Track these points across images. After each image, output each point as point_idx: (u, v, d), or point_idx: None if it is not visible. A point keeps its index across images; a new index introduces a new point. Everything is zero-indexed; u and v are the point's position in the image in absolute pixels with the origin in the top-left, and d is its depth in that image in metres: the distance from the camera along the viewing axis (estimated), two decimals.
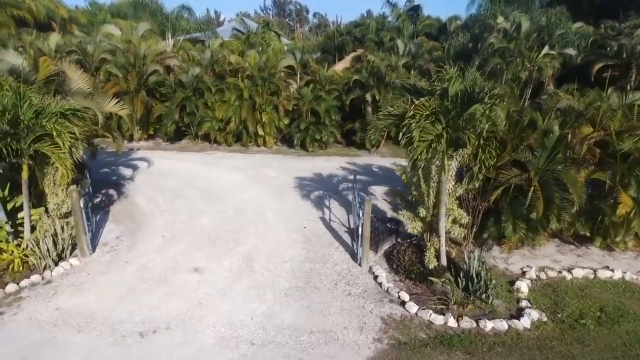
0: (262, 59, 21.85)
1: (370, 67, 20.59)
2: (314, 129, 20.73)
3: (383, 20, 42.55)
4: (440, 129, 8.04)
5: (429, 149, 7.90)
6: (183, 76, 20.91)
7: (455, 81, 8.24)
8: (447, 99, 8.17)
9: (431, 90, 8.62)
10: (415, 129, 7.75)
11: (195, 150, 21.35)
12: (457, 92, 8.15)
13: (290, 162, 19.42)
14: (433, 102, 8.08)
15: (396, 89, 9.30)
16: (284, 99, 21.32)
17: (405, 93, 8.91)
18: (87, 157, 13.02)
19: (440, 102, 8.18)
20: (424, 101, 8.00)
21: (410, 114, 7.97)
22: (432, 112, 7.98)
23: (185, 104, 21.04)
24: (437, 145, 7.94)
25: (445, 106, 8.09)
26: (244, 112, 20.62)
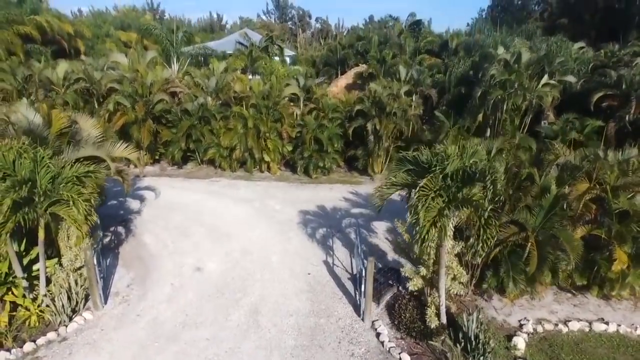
0: (265, 86, 22.13)
1: (372, 96, 20.84)
2: (317, 156, 21.04)
3: (385, 33, 42.83)
4: (442, 203, 8.32)
5: (434, 227, 8.17)
6: (189, 105, 21.22)
7: (453, 160, 8.51)
8: (447, 177, 8.46)
9: (429, 164, 8.89)
10: (421, 210, 8.03)
11: (201, 176, 21.68)
12: (457, 171, 8.44)
13: (294, 191, 19.73)
14: (436, 182, 8.36)
15: (399, 161, 9.56)
16: (288, 125, 21.63)
17: (406, 164, 9.20)
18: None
19: (443, 181, 8.45)
20: (428, 182, 8.27)
21: (416, 197, 8.24)
22: (435, 191, 8.25)
23: (191, 132, 21.36)
24: (440, 219, 8.23)
25: (447, 184, 8.38)
26: (250, 139, 20.93)
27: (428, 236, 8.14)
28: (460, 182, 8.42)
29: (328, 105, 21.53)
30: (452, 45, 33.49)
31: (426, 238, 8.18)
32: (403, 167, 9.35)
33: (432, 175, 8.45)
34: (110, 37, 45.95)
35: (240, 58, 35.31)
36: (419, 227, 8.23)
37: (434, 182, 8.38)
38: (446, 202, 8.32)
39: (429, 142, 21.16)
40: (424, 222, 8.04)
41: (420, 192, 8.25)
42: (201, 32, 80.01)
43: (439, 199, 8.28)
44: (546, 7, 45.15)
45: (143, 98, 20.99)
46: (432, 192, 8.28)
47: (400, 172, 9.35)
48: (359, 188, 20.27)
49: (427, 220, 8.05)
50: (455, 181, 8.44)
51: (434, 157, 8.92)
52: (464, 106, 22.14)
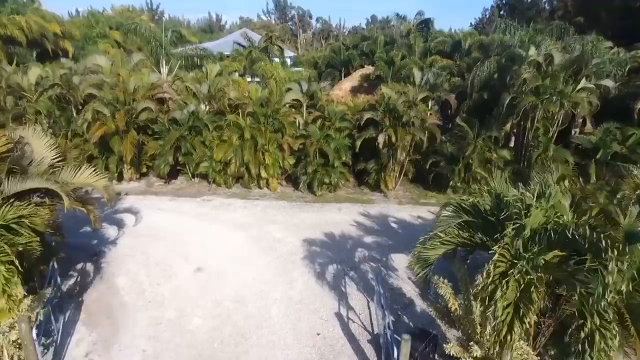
0: (264, 92, 19.30)
1: (385, 103, 18.02)
2: (322, 171, 18.24)
3: (391, 33, 40.02)
4: (523, 282, 5.50)
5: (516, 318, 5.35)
6: (177, 113, 18.40)
7: (537, 211, 5.69)
8: (523, 240, 5.63)
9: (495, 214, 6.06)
10: (500, 298, 5.21)
11: (192, 194, 18.86)
12: (539, 229, 5.63)
13: (297, 213, 16.91)
14: (511, 250, 5.55)
15: (449, 209, 6.74)
16: (289, 136, 18.81)
17: (461, 214, 6.39)
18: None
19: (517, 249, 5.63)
20: (504, 253, 5.44)
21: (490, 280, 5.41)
22: (511, 263, 5.45)
23: (180, 144, 18.54)
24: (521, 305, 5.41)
25: (530, 252, 5.56)
26: (246, 153, 18.12)
27: (506, 331, 5.33)
28: (543, 247, 5.60)
29: (335, 113, 18.71)
30: (465, 46, 30.64)
31: (503, 333, 5.37)
32: (455, 217, 6.52)
33: (505, 236, 5.62)
34: (104, 39, 43.06)
35: (238, 60, 32.59)
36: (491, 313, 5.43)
37: (510, 252, 5.55)
38: (529, 282, 5.48)
39: (450, 155, 18.41)
40: (502, 312, 5.23)
41: (497, 266, 5.42)
42: (200, 32, 77.27)
43: (519, 276, 5.44)
44: (559, 4, 42.20)
45: (125, 106, 18.15)
46: (508, 264, 5.47)
47: (451, 225, 6.50)
48: (370, 208, 17.47)
49: (505, 311, 5.24)
50: (538, 245, 5.63)
51: (506, 206, 6.08)
52: (488, 114, 19.37)
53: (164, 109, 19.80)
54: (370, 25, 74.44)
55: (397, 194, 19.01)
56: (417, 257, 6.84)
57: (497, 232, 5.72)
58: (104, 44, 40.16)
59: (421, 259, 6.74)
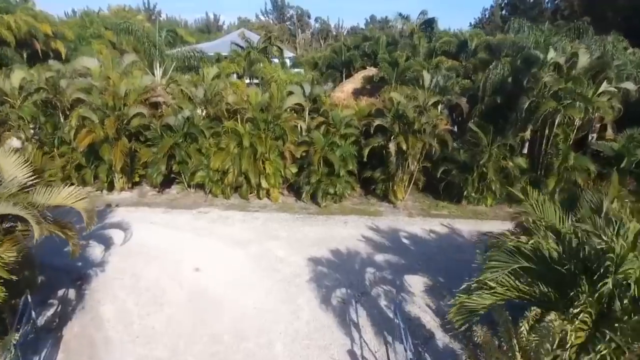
0: (264, 96, 17.95)
1: (395, 109, 16.71)
2: (326, 181, 16.92)
3: (393, 34, 38.75)
4: None
5: None
6: (171, 119, 17.05)
7: (626, 259, 4.38)
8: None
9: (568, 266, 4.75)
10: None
11: (187, 205, 17.50)
12: None
13: (300, 226, 15.59)
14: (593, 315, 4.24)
15: (503, 254, 5.42)
16: (292, 143, 17.49)
17: (520, 260, 5.08)
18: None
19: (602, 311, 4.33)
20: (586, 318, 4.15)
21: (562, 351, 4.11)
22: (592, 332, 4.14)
23: (175, 152, 17.20)
24: None
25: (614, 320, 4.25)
26: (245, 162, 16.78)
27: None
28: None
29: (340, 119, 17.38)
30: (471, 46, 29.38)
31: None
32: (507, 262, 5.21)
33: (586, 293, 4.31)
34: (98, 39, 41.59)
35: (237, 61, 31.23)
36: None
37: (593, 311, 4.25)
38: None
39: (463, 163, 17.13)
40: None
41: (577, 335, 4.12)
42: (197, 33, 75.72)
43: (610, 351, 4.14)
44: (565, 4, 40.98)
45: (115, 111, 16.78)
46: (589, 331, 4.17)
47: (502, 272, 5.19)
48: (379, 221, 16.17)
49: None
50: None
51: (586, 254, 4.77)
52: (501, 118, 18.13)
53: (158, 113, 18.43)
54: (369, 25, 73.09)
55: (406, 205, 17.72)
56: (459, 307, 5.54)
57: (570, 286, 4.44)
58: (98, 45, 38.73)
59: (464, 309, 5.43)
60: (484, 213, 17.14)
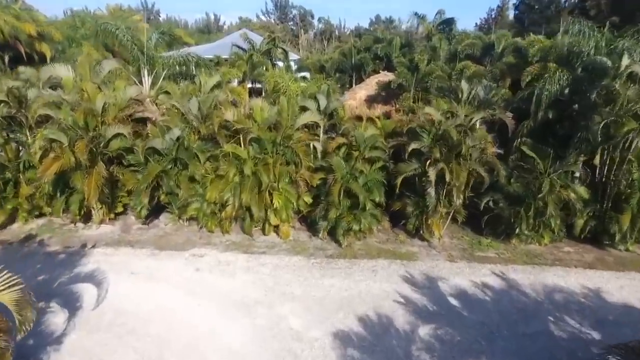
0: (272, 112, 14.54)
1: (435, 129, 13.30)
2: (349, 216, 13.55)
3: (407, 35, 35.39)
4: None
5: None
6: (157, 141, 13.66)
7: None
8: None
9: None
10: None
11: (179, 244, 14.13)
12: None
13: (319, 278, 12.22)
14: None
15: None
16: (306, 169, 14.13)
17: None
18: None
19: None
20: None
21: None
22: None
23: (162, 181, 13.83)
24: None
25: None
26: (246, 194, 13.39)
27: None
28: None
29: (364, 139, 13.99)
30: (498, 49, 25.97)
31: None
32: None
33: None
34: (90, 41, 38.04)
35: (238, 65, 27.80)
36: None
37: None
38: None
39: (514, 194, 13.77)
40: None
41: None
42: (197, 33, 72.09)
43: None
44: (592, 3, 37.44)
45: (89, 132, 13.40)
46: None
47: None
48: (415, 267, 12.82)
49: None
50: None
51: None
52: (552, 138, 14.82)
53: (146, 132, 15.04)
54: (374, 25, 69.56)
55: (443, 243, 14.36)
56: None
57: None
58: (88, 47, 35.20)
59: None
60: (540, 255, 13.77)
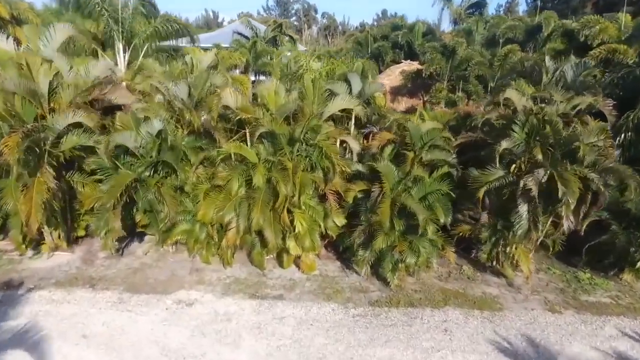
0: (290, 97, 10.18)
1: (530, 122, 8.92)
2: (402, 245, 9.19)
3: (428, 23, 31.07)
4: None
5: None
6: (127, 137, 9.28)
7: None
8: None
9: None
10: None
11: (159, 282, 9.78)
12: None
13: (368, 348, 7.86)
14: None
15: None
16: (339, 177, 9.79)
17: None
18: None
19: None
20: None
21: None
22: None
23: (136, 193, 9.45)
24: None
25: None
26: (257, 212, 9.03)
27: None
28: None
29: (421, 136, 9.64)
30: (545, 32, 21.65)
31: None
32: None
33: None
34: None
35: (240, 52, 23.48)
36: None
37: None
38: None
39: (632, 213, 9.43)
40: None
41: None
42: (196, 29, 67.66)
43: None
44: None
45: (25, 123, 9.02)
46: None
47: None
48: (503, 324, 8.51)
49: None
50: None
51: None
52: None
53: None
54: (380, 20, 65.15)
55: (533, 284, 10.00)
56: None
57: None
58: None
59: None
60: None
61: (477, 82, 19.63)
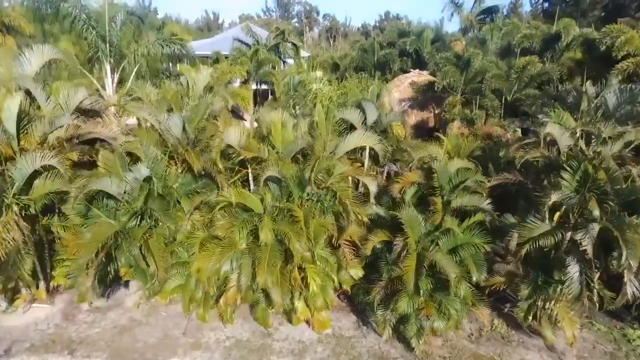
0: (298, 131, 8.79)
1: (582, 168, 7.50)
2: (430, 307, 7.82)
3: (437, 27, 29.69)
4: None
5: None
6: (107, 184, 7.89)
7: None
8: None
9: None
10: None
11: (148, 348, 8.40)
12: None
13: None
14: None
15: None
16: (356, 224, 8.43)
17: None
18: None
19: None
20: None
21: None
22: None
23: (119, 248, 8.07)
24: None
25: None
26: (263, 269, 7.65)
27: None
28: None
29: (449, 177, 8.26)
30: (564, 42, 20.18)
31: None
32: None
33: None
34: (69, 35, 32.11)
35: (241, 61, 22.09)
36: None
37: None
38: None
39: None
40: None
41: None
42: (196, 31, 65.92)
43: None
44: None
45: None
46: None
47: None
48: None
49: None
50: None
51: None
52: None
53: None
54: (383, 22, 63.52)
55: (578, 350, 8.62)
56: None
57: None
58: (66, 42, 29.29)
59: None
60: None
61: (493, 96, 18.19)
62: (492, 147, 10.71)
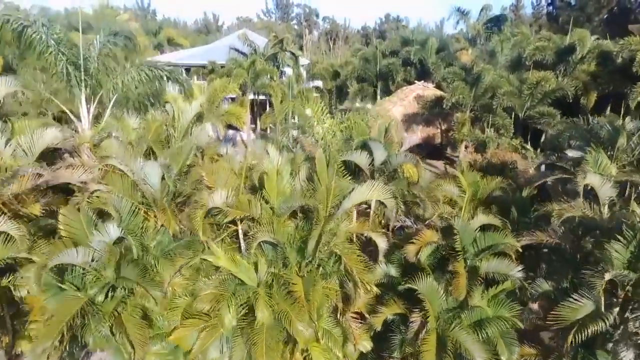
0: (296, 181, 7.47)
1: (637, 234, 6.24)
2: None
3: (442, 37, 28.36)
4: None
5: None
6: (72, 256, 6.55)
7: None
8: None
9: None
10: None
11: None
12: None
13: None
14: None
15: None
16: (365, 293, 7.12)
17: None
18: None
19: None
20: None
21: None
22: None
23: (86, 326, 6.76)
24: None
25: None
26: (260, 352, 6.36)
27: None
28: None
29: (472, 238, 6.96)
30: (578, 55, 18.85)
31: None
32: None
33: None
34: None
35: (236, 73, 20.83)
36: None
37: None
38: None
39: None
40: None
41: None
42: (195, 33, 64.35)
43: None
44: None
45: None
46: None
47: None
48: None
49: None
50: None
51: None
52: None
53: None
54: (384, 24, 62.07)
55: None
56: None
57: None
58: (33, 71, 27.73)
59: None
60: None
61: (505, 114, 16.90)
62: (513, 187, 9.42)
